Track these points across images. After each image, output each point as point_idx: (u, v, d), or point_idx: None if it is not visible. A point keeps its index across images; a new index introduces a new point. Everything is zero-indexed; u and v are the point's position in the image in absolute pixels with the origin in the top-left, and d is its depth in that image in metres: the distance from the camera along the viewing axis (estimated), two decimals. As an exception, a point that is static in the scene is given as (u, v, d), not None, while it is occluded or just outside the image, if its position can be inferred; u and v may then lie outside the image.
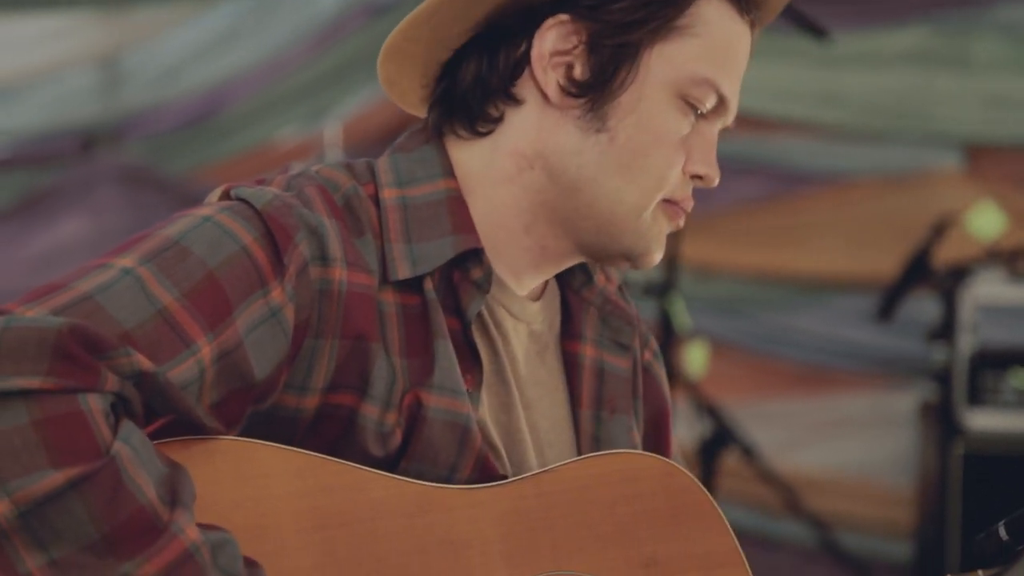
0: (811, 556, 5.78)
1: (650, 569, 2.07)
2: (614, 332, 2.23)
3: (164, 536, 1.78)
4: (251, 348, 1.91)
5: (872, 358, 6.31)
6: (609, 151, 2.07)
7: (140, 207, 6.00)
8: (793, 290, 6.44)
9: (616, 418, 2.19)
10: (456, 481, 2.02)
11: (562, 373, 2.19)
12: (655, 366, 2.32)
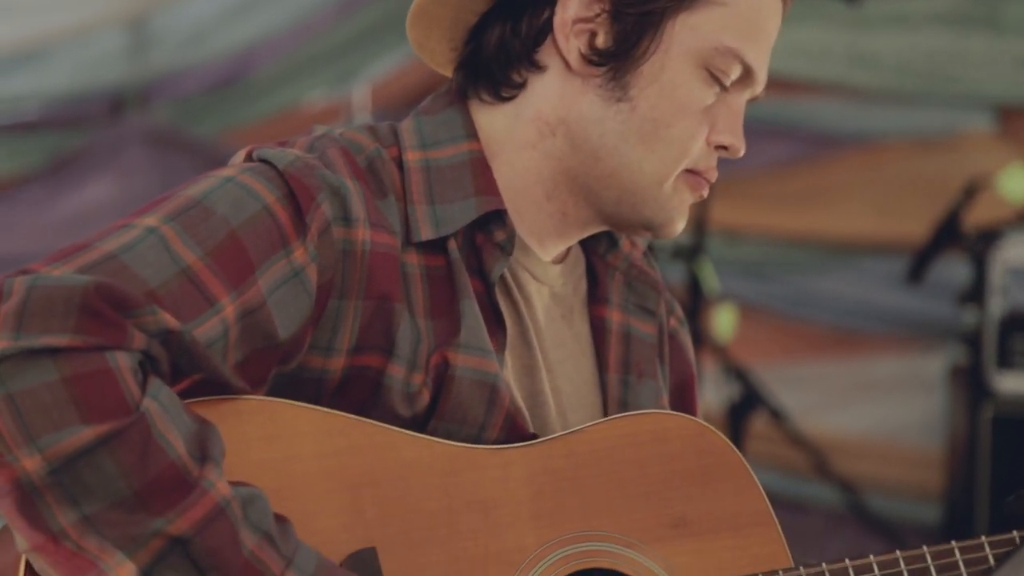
0: (840, 519, 5.77)
1: (679, 529, 2.07)
2: (640, 297, 2.22)
3: (195, 492, 1.79)
4: (274, 308, 1.92)
5: (902, 321, 6.28)
6: (631, 120, 2.06)
7: (168, 170, 6.00)
8: (822, 253, 6.42)
9: (644, 382, 2.19)
10: (485, 440, 2.02)
11: (589, 337, 2.19)
12: (681, 333, 2.31)
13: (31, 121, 6.16)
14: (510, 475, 2.01)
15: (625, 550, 2.04)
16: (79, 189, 6.07)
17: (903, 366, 6.38)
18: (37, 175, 6.08)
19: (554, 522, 2.01)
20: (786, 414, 5.30)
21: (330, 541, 1.89)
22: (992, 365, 4.92)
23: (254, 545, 1.81)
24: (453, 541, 1.96)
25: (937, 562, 2.11)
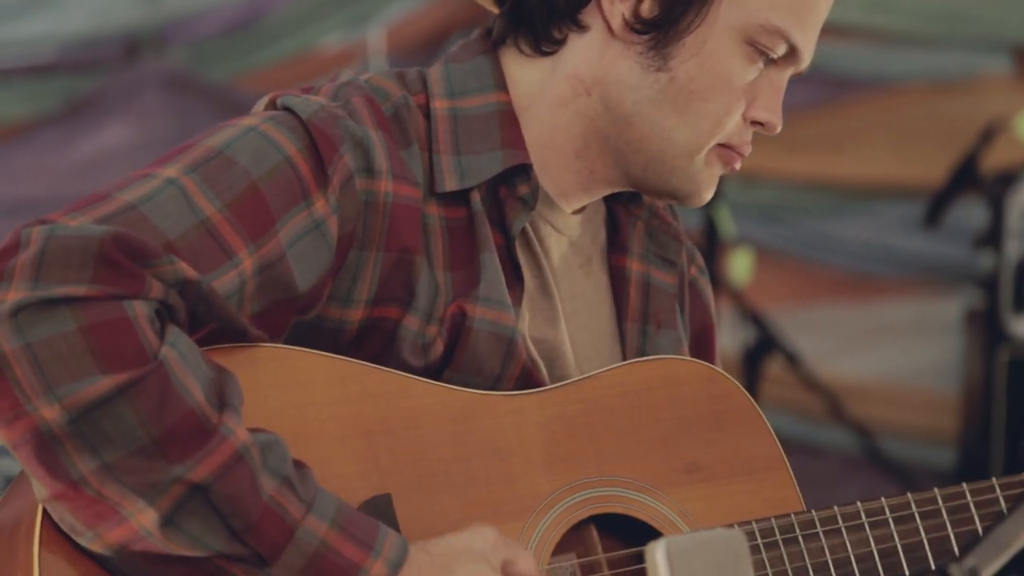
0: (854, 463, 5.78)
1: (692, 474, 2.07)
2: (660, 247, 2.21)
3: (214, 438, 1.80)
4: (294, 260, 1.92)
5: (918, 265, 6.27)
6: (667, 90, 2.05)
7: (184, 113, 5.99)
8: (839, 197, 6.41)
9: (663, 332, 2.19)
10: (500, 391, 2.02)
11: (608, 286, 2.18)
12: (701, 281, 2.31)
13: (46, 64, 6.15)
14: (523, 422, 2.01)
15: (638, 495, 2.04)
16: (94, 133, 6.06)
17: (919, 310, 6.37)
18: (52, 119, 6.08)
19: (567, 468, 2.02)
20: (801, 358, 5.30)
21: (345, 487, 1.89)
22: (1008, 309, 4.92)
23: (273, 490, 1.82)
24: (467, 487, 1.97)
25: (948, 504, 2.12)
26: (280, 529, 1.81)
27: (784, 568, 2.05)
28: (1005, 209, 5.03)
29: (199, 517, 1.79)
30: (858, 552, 2.08)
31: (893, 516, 2.10)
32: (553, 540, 1.99)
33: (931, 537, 2.10)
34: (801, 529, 2.06)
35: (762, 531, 2.05)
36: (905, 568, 2.09)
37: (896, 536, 2.09)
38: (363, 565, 1.82)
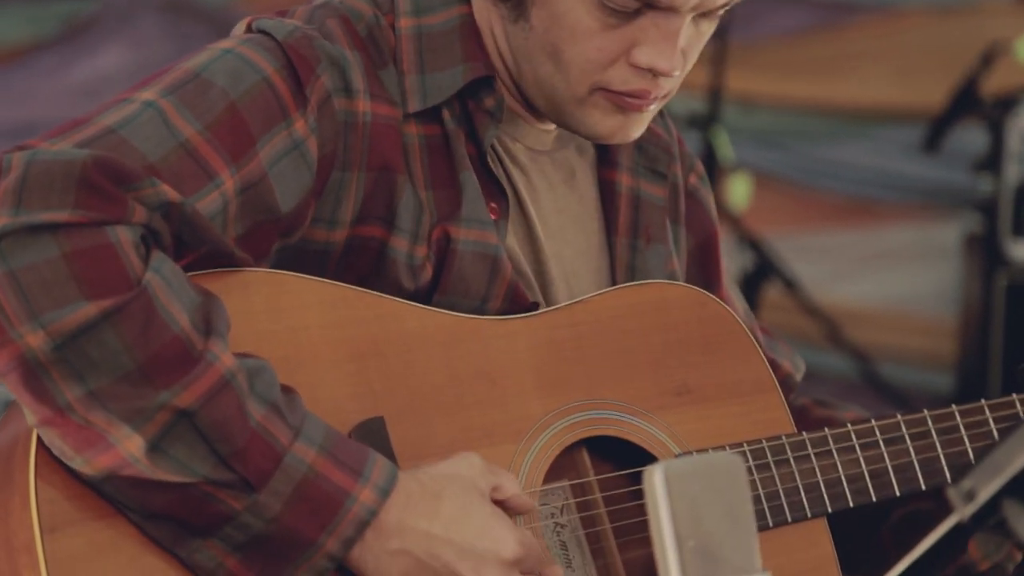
0: (852, 388, 5.78)
1: (683, 396, 2.07)
2: (650, 160, 2.20)
3: (200, 364, 1.79)
4: (275, 180, 1.91)
5: (917, 189, 6.25)
6: (532, 40, 2.03)
7: (181, 37, 5.97)
8: (838, 121, 6.38)
9: (653, 247, 2.18)
10: (488, 311, 2.02)
11: (597, 201, 2.17)
12: (701, 190, 2.30)
13: (43, -12, 6.11)
14: (514, 345, 2.01)
15: (629, 418, 2.04)
16: (92, 57, 6.04)
17: (918, 235, 6.35)
18: (51, 42, 6.05)
19: (559, 391, 2.02)
20: (800, 284, 5.29)
21: (337, 411, 1.89)
22: (1007, 233, 4.91)
23: (261, 416, 1.81)
24: (459, 411, 1.97)
25: (938, 426, 2.12)
26: (268, 455, 1.80)
27: (776, 489, 2.05)
28: (1005, 133, 5.01)
29: (185, 443, 1.79)
30: (849, 473, 2.09)
31: (883, 437, 2.10)
32: (545, 463, 1.99)
33: (921, 458, 2.11)
34: (792, 451, 2.07)
35: (753, 453, 2.06)
36: (896, 488, 2.10)
37: (887, 457, 2.10)
38: (351, 491, 1.82)
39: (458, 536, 1.86)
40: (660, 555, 1.50)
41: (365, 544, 1.84)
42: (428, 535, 1.85)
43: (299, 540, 1.82)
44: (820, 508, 2.07)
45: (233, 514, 1.80)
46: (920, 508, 2.18)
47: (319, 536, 1.82)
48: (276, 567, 1.82)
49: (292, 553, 1.82)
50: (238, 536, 1.80)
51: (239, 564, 1.82)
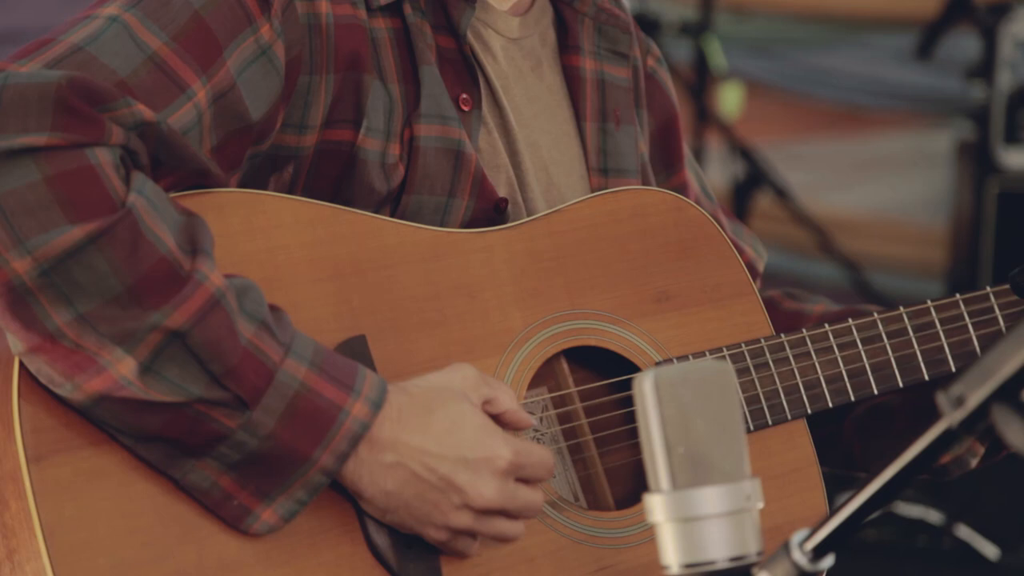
0: (843, 296, 5.78)
1: (662, 303, 2.07)
2: (611, 42, 2.19)
3: (189, 284, 1.78)
4: (244, 87, 1.89)
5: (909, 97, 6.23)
6: None
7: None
8: (831, 29, 6.35)
9: (623, 128, 2.17)
10: (455, 207, 2.01)
11: (564, 88, 2.16)
12: (659, 72, 2.29)
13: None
14: (493, 258, 2.00)
15: (610, 326, 2.04)
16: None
17: (910, 143, 6.34)
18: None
19: (539, 303, 2.01)
20: (791, 192, 5.28)
21: (319, 330, 1.89)
22: (999, 140, 4.89)
23: (251, 334, 1.81)
24: (440, 326, 1.96)
25: (914, 322, 2.12)
26: (260, 372, 1.80)
27: (756, 392, 2.06)
28: (998, 40, 4.98)
29: (178, 363, 1.78)
30: (827, 373, 2.09)
31: (861, 336, 2.11)
32: (528, 375, 1.99)
33: (898, 355, 2.11)
34: (771, 353, 2.07)
35: (733, 356, 2.06)
36: (874, 386, 2.11)
37: (864, 356, 2.11)
38: (344, 405, 1.82)
39: (452, 450, 1.86)
40: (649, 462, 1.49)
41: (359, 458, 1.84)
42: (422, 449, 1.85)
43: (293, 456, 1.81)
44: (800, 410, 2.08)
45: (227, 432, 1.80)
46: (883, 401, 2.19)
47: (313, 451, 1.82)
48: (271, 484, 1.82)
49: (287, 469, 1.82)
50: (232, 455, 1.80)
51: (233, 483, 1.82)
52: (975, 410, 1.34)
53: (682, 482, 1.48)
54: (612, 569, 1.99)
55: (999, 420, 1.33)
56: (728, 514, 1.48)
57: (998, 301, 2.13)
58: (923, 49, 5.45)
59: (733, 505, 1.48)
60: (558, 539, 1.96)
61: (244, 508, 1.82)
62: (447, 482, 1.86)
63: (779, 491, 2.04)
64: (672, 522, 1.48)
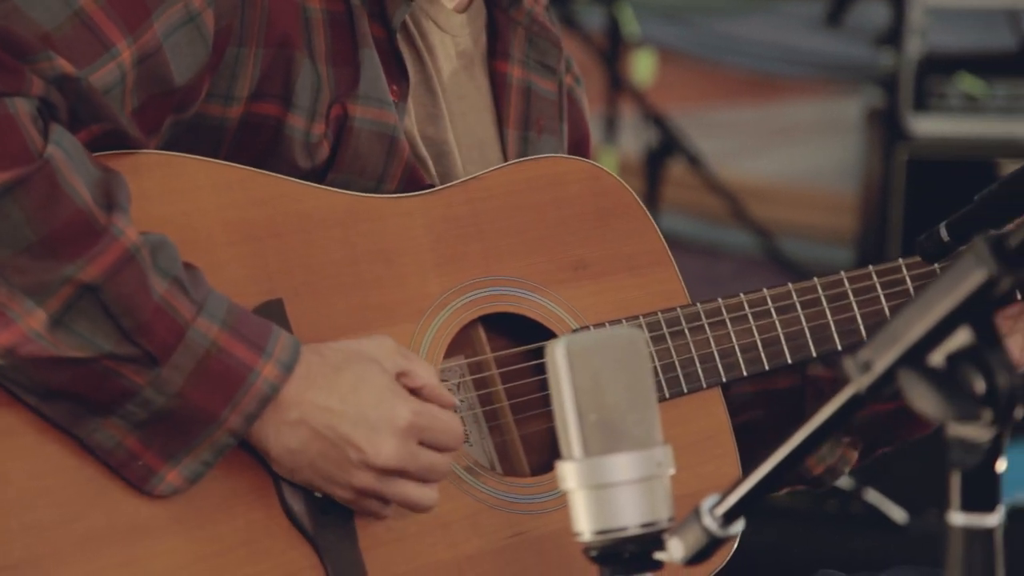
0: (754, 263, 5.83)
1: (579, 271, 2.08)
2: (541, 54, 2.19)
3: (104, 238, 1.77)
4: (170, 52, 1.88)
5: (820, 64, 6.27)
6: None
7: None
8: (742, -4, 6.37)
9: (544, 138, 2.17)
10: (383, 192, 2.01)
11: (490, 92, 2.16)
12: (577, 90, 2.30)
13: None
14: (411, 223, 2.00)
15: (527, 294, 2.04)
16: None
17: (820, 110, 6.38)
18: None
19: (457, 269, 2.01)
20: (703, 160, 5.30)
21: (235, 293, 1.88)
22: (908, 107, 4.93)
23: (164, 291, 1.80)
24: (357, 290, 1.96)
25: (827, 292, 2.14)
26: (171, 329, 1.79)
27: (671, 360, 2.07)
28: (906, 7, 5.02)
29: (89, 317, 1.77)
30: (742, 342, 2.11)
31: (775, 306, 2.12)
32: (445, 341, 1.99)
33: (811, 325, 2.13)
34: (687, 322, 2.09)
35: (649, 325, 2.07)
36: (787, 356, 2.12)
37: (778, 325, 2.12)
38: (254, 366, 1.82)
39: (353, 408, 1.86)
40: (561, 429, 1.50)
41: (265, 419, 1.84)
42: (326, 408, 1.85)
43: (201, 416, 1.81)
44: (715, 378, 2.09)
45: (135, 389, 1.79)
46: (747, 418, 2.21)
47: (222, 411, 1.81)
48: (176, 444, 1.81)
49: (193, 429, 1.81)
50: (139, 413, 1.79)
51: (138, 442, 1.81)
52: (882, 375, 1.36)
53: (594, 449, 1.49)
54: (527, 535, 1.99)
55: (905, 385, 1.35)
56: (639, 481, 1.49)
57: (910, 272, 2.15)
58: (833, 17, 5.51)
59: (644, 472, 1.49)
60: (473, 504, 1.96)
61: (148, 469, 1.82)
62: (346, 440, 1.86)
63: (693, 458, 2.05)
64: (584, 489, 1.49)
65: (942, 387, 1.33)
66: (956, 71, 4.91)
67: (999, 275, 1.30)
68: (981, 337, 1.33)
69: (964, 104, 4.92)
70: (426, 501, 1.91)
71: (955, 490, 1.34)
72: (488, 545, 1.97)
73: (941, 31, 5.12)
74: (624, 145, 5.65)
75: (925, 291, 1.34)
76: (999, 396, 1.32)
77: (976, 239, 1.31)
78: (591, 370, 1.49)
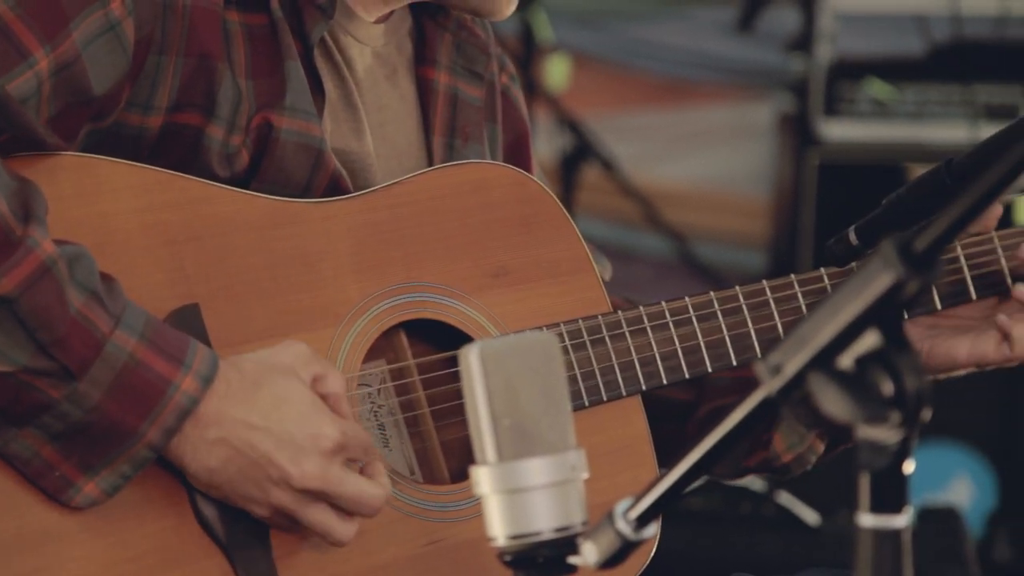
0: (668, 268, 5.86)
1: (501, 278, 2.08)
2: (468, 60, 2.18)
3: (20, 250, 1.76)
4: (89, 62, 1.86)
5: (731, 69, 6.31)
6: None
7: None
8: (654, 2, 6.41)
9: (470, 146, 2.17)
10: None
11: (416, 99, 2.16)
12: (513, 89, 2.30)
13: None
14: (332, 228, 2.00)
15: (448, 300, 2.05)
16: None
17: (732, 115, 6.42)
18: None
19: (377, 274, 2.01)
20: (617, 165, 5.32)
21: (151, 298, 1.87)
22: (819, 112, 4.97)
23: (81, 304, 1.78)
24: (276, 295, 1.95)
25: (749, 301, 2.16)
26: (88, 343, 1.78)
27: (592, 368, 2.08)
28: (816, 13, 5.06)
29: (4, 331, 1.76)
30: (663, 350, 2.11)
31: (697, 314, 2.13)
32: (364, 347, 1.99)
33: (732, 334, 2.14)
34: (608, 330, 2.09)
35: (570, 332, 2.07)
36: (708, 364, 2.13)
37: (699, 333, 2.13)
38: (173, 380, 1.81)
39: (276, 425, 1.85)
40: (475, 434, 1.51)
41: (184, 434, 1.83)
42: (246, 425, 1.84)
43: (119, 430, 1.80)
44: (634, 386, 2.10)
45: (51, 403, 1.77)
46: (727, 403, 2.22)
47: (140, 425, 1.80)
48: (95, 457, 1.80)
49: (112, 443, 1.80)
50: (56, 425, 1.78)
51: (56, 453, 1.79)
52: (792, 378, 1.37)
53: (508, 454, 1.49)
54: (442, 543, 1.99)
55: (815, 388, 1.36)
56: (553, 485, 1.50)
57: (831, 281, 2.17)
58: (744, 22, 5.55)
59: (558, 476, 1.50)
60: (389, 512, 1.96)
61: (66, 480, 1.80)
62: (268, 458, 1.85)
63: (611, 467, 2.05)
64: (498, 494, 1.50)
65: (851, 390, 1.35)
66: (866, 76, 4.95)
67: (906, 278, 1.32)
68: (889, 340, 1.35)
69: (874, 109, 4.96)
70: (341, 535, 1.89)
71: (864, 492, 1.35)
72: (403, 553, 1.97)
73: (851, 37, 5.16)
74: (538, 150, 5.66)
75: (834, 294, 1.36)
76: (907, 398, 1.34)
77: (883, 242, 1.33)
78: (505, 375, 1.50)
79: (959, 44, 4.90)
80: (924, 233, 1.32)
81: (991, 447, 4.44)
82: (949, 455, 4.44)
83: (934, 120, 4.91)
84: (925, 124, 4.92)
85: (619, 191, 5.43)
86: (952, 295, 2.17)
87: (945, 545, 3.66)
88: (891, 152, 4.92)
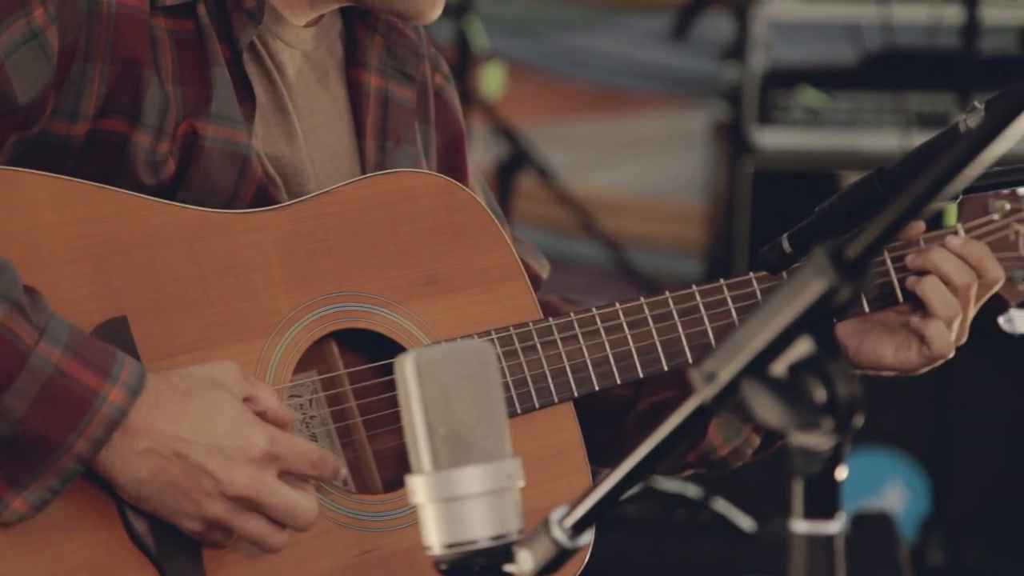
0: (604, 276, 5.87)
1: (431, 286, 2.07)
2: (399, 62, 2.18)
3: (-61, 264, 1.73)
4: (12, 71, 1.85)
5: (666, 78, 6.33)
6: None
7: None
8: (589, 11, 6.42)
9: (402, 147, 2.16)
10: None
11: (347, 102, 2.15)
12: (447, 89, 2.29)
13: None
14: (261, 239, 1.99)
15: (378, 309, 2.04)
16: None
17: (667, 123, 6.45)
18: None
19: (307, 284, 2.00)
20: (553, 173, 5.33)
21: (78, 311, 1.85)
22: (753, 120, 4.99)
23: (3, 316, 1.77)
24: (205, 307, 1.94)
25: (679, 307, 2.16)
26: (11, 356, 1.76)
27: (523, 375, 2.07)
28: (750, 21, 5.08)
29: None
30: (594, 357, 2.11)
31: (627, 320, 2.13)
32: (294, 358, 1.98)
33: (663, 339, 2.14)
34: (539, 336, 2.09)
35: (501, 340, 2.07)
36: (639, 370, 2.14)
37: (630, 340, 2.13)
38: (100, 391, 1.79)
39: (206, 436, 1.84)
40: (411, 443, 1.50)
41: (113, 446, 1.81)
42: (176, 436, 1.83)
43: (46, 442, 1.78)
44: (566, 393, 2.10)
45: (-25, 418, 1.75)
46: (665, 398, 2.23)
47: (67, 437, 1.78)
48: (21, 471, 1.79)
49: (39, 456, 1.78)
50: (-18, 440, 1.76)
51: (-19, 468, 1.77)
52: (727, 385, 1.37)
53: (443, 462, 1.49)
54: (377, 552, 1.99)
55: (748, 394, 1.36)
56: (489, 493, 1.49)
57: (760, 286, 2.18)
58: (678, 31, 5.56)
59: (494, 484, 1.49)
60: (323, 522, 1.95)
61: (-8, 495, 1.78)
62: (199, 469, 1.84)
63: (544, 474, 2.06)
64: (434, 503, 1.49)
65: (784, 396, 1.35)
66: (799, 85, 4.98)
67: (838, 285, 1.32)
68: (822, 346, 1.35)
69: (807, 117, 4.99)
70: (274, 543, 1.89)
71: (797, 498, 1.36)
72: (337, 563, 1.96)
73: (784, 45, 5.19)
74: (475, 159, 5.66)
75: (767, 301, 1.36)
76: (839, 405, 1.34)
77: (816, 250, 1.33)
78: (440, 383, 1.49)
79: (891, 53, 4.93)
80: (856, 241, 1.33)
81: (923, 453, 4.47)
82: (882, 461, 4.47)
83: (867, 128, 4.95)
84: (858, 132, 4.96)
85: (555, 199, 5.44)
86: (880, 298, 2.18)
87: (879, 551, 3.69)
88: (824, 160, 4.95)
